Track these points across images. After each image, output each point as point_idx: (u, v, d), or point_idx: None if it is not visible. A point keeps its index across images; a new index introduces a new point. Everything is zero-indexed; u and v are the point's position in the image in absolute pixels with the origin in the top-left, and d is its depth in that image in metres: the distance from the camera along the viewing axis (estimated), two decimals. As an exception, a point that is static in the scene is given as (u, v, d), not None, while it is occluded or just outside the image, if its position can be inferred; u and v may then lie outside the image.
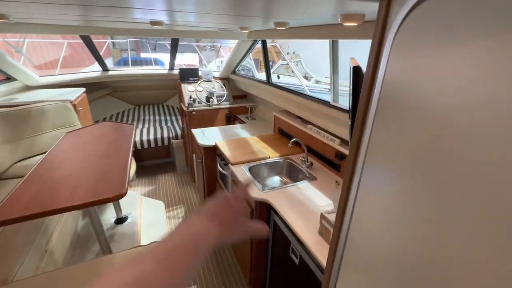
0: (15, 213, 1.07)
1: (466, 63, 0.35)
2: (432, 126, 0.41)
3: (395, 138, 0.50)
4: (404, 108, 0.47)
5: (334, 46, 1.55)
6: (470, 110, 0.35)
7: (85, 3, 0.85)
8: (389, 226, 0.53)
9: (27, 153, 2.25)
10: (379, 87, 0.56)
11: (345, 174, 0.72)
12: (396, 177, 0.50)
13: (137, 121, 3.79)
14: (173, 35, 2.41)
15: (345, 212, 0.74)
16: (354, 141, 0.68)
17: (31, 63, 4.57)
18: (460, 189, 0.37)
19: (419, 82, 0.44)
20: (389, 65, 0.52)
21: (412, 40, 0.46)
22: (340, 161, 1.70)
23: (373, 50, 0.58)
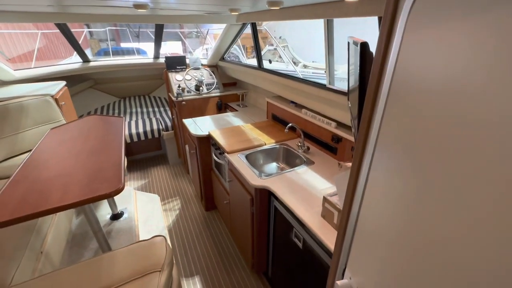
0: (4, 216, 1.00)
1: (495, 45, 0.32)
2: (450, 109, 0.39)
3: (411, 120, 0.48)
4: (421, 93, 0.44)
5: (329, 25, 1.50)
6: (499, 103, 0.32)
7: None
8: (401, 208, 0.52)
9: (10, 152, 2.13)
10: (392, 68, 0.52)
11: (354, 157, 0.71)
12: (409, 163, 0.49)
13: (124, 114, 3.65)
14: (158, 21, 2.28)
15: (355, 195, 0.73)
16: (364, 122, 0.66)
17: (3, 56, 4.26)
18: (472, 173, 0.36)
19: (441, 65, 0.40)
20: (404, 44, 0.49)
21: (427, 19, 0.42)
22: (337, 144, 1.70)
23: (384, 25, 0.55)
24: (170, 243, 2.19)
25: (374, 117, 0.61)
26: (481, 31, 0.33)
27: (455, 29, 0.37)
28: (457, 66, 0.37)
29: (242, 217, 1.82)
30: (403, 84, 0.49)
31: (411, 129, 0.48)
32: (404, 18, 0.48)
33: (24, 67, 2.87)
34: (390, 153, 0.55)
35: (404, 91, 0.49)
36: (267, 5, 1.21)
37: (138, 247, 1.14)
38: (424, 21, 0.43)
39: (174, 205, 2.74)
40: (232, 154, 1.83)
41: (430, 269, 0.44)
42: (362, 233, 0.70)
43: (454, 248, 0.39)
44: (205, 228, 2.40)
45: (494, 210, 0.33)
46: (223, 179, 2.13)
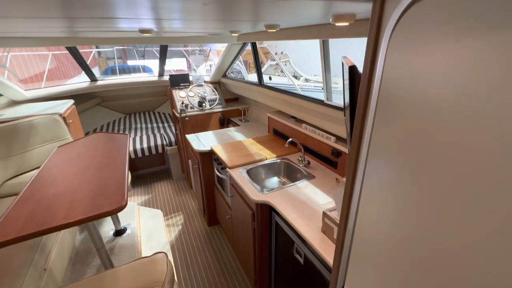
0: (11, 234, 1.03)
1: (462, 59, 0.37)
2: (433, 120, 0.42)
3: (397, 133, 0.51)
4: (405, 103, 0.48)
5: (325, 45, 1.57)
6: (467, 104, 0.37)
7: (70, 16, 0.83)
8: (395, 220, 0.54)
9: (18, 170, 2.19)
10: (378, 84, 0.57)
11: (347, 172, 0.73)
12: (400, 171, 0.51)
13: (129, 130, 3.73)
14: (162, 42, 2.39)
15: (350, 209, 0.75)
16: (355, 138, 0.69)
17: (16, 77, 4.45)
18: (463, 180, 0.38)
19: (418, 78, 0.45)
20: (387, 62, 0.53)
21: (409, 38, 0.47)
22: (337, 158, 1.72)
23: (369, 48, 0.59)
24: (172, 258, 2.18)
25: (364, 135, 0.64)
26: (455, 49, 0.38)
27: (431, 49, 0.41)
28: (435, 81, 0.41)
29: (244, 232, 1.81)
30: (388, 100, 0.53)
31: (398, 142, 0.51)
32: (386, 41, 0.52)
33: (35, 87, 2.99)
34: (380, 167, 0.58)
35: (390, 106, 0.53)
36: (264, 27, 1.28)
37: (140, 264, 1.15)
38: (404, 42, 0.48)
39: (177, 220, 2.74)
40: (234, 169, 1.85)
41: (427, 281, 0.45)
42: (359, 248, 0.72)
43: (449, 258, 0.41)
44: (208, 243, 2.39)
45: (490, 218, 0.35)
46: (225, 194, 2.15)
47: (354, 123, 0.68)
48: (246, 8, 0.81)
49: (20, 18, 0.83)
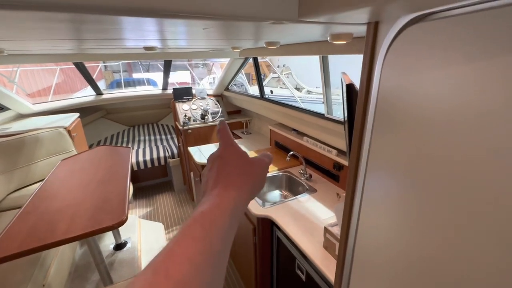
0: (12, 249, 1.03)
1: (453, 79, 0.39)
2: (428, 133, 0.43)
3: (394, 148, 0.52)
4: (400, 119, 0.50)
5: (325, 61, 1.59)
6: (462, 115, 0.39)
7: (80, 38, 0.87)
8: (396, 236, 0.54)
9: (22, 183, 2.20)
10: (374, 101, 0.58)
11: (347, 187, 0.73)
12: (399, 186, 0.51)
13: (132, 142, 3.77)
14: (166, 57, 2.46)
15: (350, 224, 0.74)
16: (353, 154, 0.69)
17: (24, 92, 4.57)
18: (465, 192, 0.38)
19: (411, 94, 0.46)
20: (382, 81, 0.55)
21: (403, 58, 0.48)
22: (338, 172, 1.71)
23: (365, 67, 0.61)
24: (173, 274, 2.15)
25: (362, 150, 0.64)
26: (446, 68, 0.40)
27: (424, 68, 0.43)
28: (429, 97, 0.43)
29: (245, 247, 1.79)
30: (385, 116, 0.54)
31: (396, 157, 0.51)
32: (380, 61, 0.54)
33: (42, 100, 3.07)
34: (378, 182, 0.58)
35: (387, 121, 0.54)
36: (265, 44, 1.31)
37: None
38: (397, 62, 0.50)
39: (178, 233, 2.71)
40: (235, 182, 1.85)
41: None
42: (360, 266, 0.70)
43: (454, 277, 0.40)
44: (209, 258, 2.35)
45: (500, 236, 0.34)
46: (226, 207, 2.13)
47: (352, 138, 0.68)
48: (245, 30, 0.84)
49: (35, 40, 0.87)
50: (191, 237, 0.25)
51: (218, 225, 0.27)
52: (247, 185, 0.34)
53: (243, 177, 0.34)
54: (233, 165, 0.35)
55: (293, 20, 0.52)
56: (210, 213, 0.28)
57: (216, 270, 0.25)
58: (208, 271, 0.24)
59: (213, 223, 0.27)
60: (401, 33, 0.49)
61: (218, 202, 0.30)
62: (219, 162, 0.35)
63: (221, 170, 0.34)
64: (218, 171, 0.34)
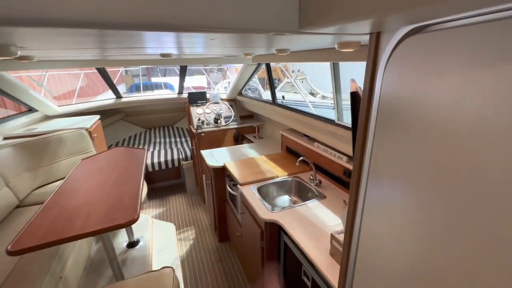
0: (34, 241, 1.11)
1: (450, 84, 0.40)
2: (427, 139, 0.44)
3: (395, 154, 0.52)
4: (400, 125, 0.50)
5: (335, 67, 1.60)
6: (460, 120, 0.39)
7: (102, 47, 0.93)
8: (398, 244, 0.54)
9: (45, 180, 2.35)
10: (376, 107, 0.59)
11: (350, 194, 0.74)
12: (399, 192, 0.52)
13: (148, 143, 3.90)
14: (182, 63, 2.55)
15: (353, 232, 0.74)
16: (356, 160, 0.70)
17: (50, 95, 4.87)
18: (468, 195, 0.38)
19: (411, 101, 0.47)
20: (383, 88, 0.56)
21: (403, 65, 0.50)
22: (348, 179, 1.69)
23: (367, 75, 0.62)
24: (182, 274, 2.19)
25: (365, 156, 0.65)
26: (445, 74, 0.41)
27: (424, 75, 0.44)
28: (429, 102, 0.43)
29: (253, 250, 1.80)
30: (386, 121, 0.55)
31: (396, 162, 0.52)
32: (382, 68, 0.55)
33: (66, 103, 3.26)
34: (380, 189, 0.58)
35: (388, 126, 0.54)
36: (276, 52, 1.34)
37: (148, 277, 1.18)
38: (398, 69, 0.51)
39: (188, 234, 2.76)
40: (245, 186, 1.87)
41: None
42: (362, 272, 0.70)
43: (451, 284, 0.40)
44: (218, 260, 2.38)
45: (496, 240, 0.34)
46: (236, 211, 2.16)
47: (355, 146, 0.69)
48: (253, 40, 0.87)
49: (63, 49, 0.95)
50: None
51: None
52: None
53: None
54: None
55: (293, 32, 0.54)
56: None
57: None
58: None
59: None
60: (401, 43, 0.50)
61: None
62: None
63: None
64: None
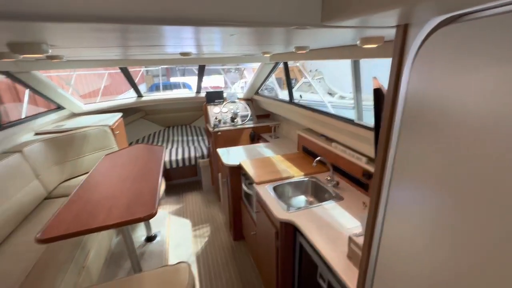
0: (60, 231, 1.17)
1: (487, 81, 0.37)
2: (461, 140, 0.41)
3: (423, 155, 0.49)
4: (430, 124, 0.47)
5: (356, 65, 1.55)
6: (496, 120, 0.36)
7: (125, 45, 0.97)
8: (423, 250, 0.51)
9: (71, 174, 2.47)
10: (402, 105, 0.56)
11: (371, 196, 0.71)
12: (427, 195, 0.48)
13: (167, 141, 4.01)
14: (200, 62, 2.59)
15: (373, 235, 0.71)
16: (378, 161, 0.67)
17: (77, 93, 5.14)
18: (500, 202, 0.35)
19: (442, 99, 0.44)
20: (410, 84, 0.53)
21: (433, 60, 0.46)
22: (368, 180, 1.63)
23: (393, 71, 0.59)
24: (197, 270, 2.22)
25: (388, 157, 0.62)
26: (479, 71, 0.38)
27: (456, 71, 0.41)
28: (461, 99, 0.40)
29: (268, 250, 1.79)
30: (413, 120, 0.52)
31: (424, 163, 0.49)
32: (409, 64, 0.52)
33: (92, 101, 3.42)
34: (405, 191, 0.55)
35: (415, 126, 0.51)
36: (294, 49, 1.32)
37: (164, 271, 1.21)
38: (427, 65, 0.47)
39: (204, 231, 2.80)
40: (260, 185, 1.87)
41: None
42: (382, 277, 0.67)
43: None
44: (232, 258, 2.39)
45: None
46: (251, 210, 2.16)
47: (378, 145, 0.66)
48: (273, 36, 0.86)
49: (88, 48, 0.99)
50: None
51: None
52: None
53: None
54: None
55: (316, 25, 0.52)
56: None
57: None
58: None
59: None
60: (431, 35, 0.47)
61: None
62: None
63: None
64: None
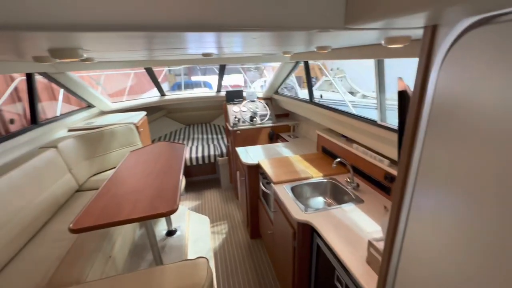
0: (90, 222, 1.26)
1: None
2: (493, 145, 0.39)
3: (451, 159, 0.47)
4: (459, 128, 0.45)
5: (380, 65, 1.50)
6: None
7: (150, 48, 1.01)
8: (447, 258, 0.49)
9: (100, 168, 2.63)
10: (428, 108, 0.54)
11: (393, 200, 0.69)
12: (455, 201, 0.46)
13: (187, 139, 4.12)
14: (221, 62, 2.64)
15: (394, 241, 0.69)
16: (402, 164, 0.65)
17: (105, 92, 5.43)
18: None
19: (473, 102, 0.42)
20: (438, 87, 0.50)
21: (464, 62, 0.44)
22: (390, 184, 1.58)
23: (419, 72, 0.57)
24: (214, 266, 2.28)
25: (412, 160, 0.60)
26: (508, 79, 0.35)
27: (489, 74, 0.39)
28: (494, 103, 0.38)
29: (284, 250, 1.79)
30: (440, 122, 0.50)
31: (452, 168, 0.46)
32: (438, 64, 0.50)
33: (118, 100, 3.60)
34: (430, 197, 0.53)
35: (442, 128, 0.49)
36: (316, 49, 1.30)
37: (184, 265, 1.25)
38: (457, 67, 0.45)
39: (221, 228, 2.86)
40: (278, 184, 1.87)
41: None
42: (403, 285, 0.65)
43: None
44: (249, 256, 2.42)
45: None
46: (268, 209, 2.17)
47: (401, 148, 0.64)
48: (295, 38, 0.86)
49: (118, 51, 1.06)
50: None
51: None
52: None
53: None
54: None
55: (339, 28, 0.52)
56: None
57: None
58: None
59: None
60: (462, 36, 0.45)
61: None
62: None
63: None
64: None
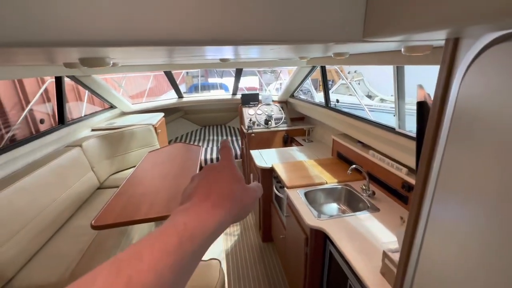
0: (110, 220, 1.32)
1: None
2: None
3: (474, 170, 0.46)
4: (485, 138, 0.44)
5: (399, 71, 1.46)
6: None
7: (172, 56, 1.05)
8: (467, 272, 0.47)
9: (119, 167, 2.74)
10: (449, 118, 0.52)
11: (410, 210, 0.67)
12: (477, 213, 0.45)
13: (203, 140, 4.20)
14: (237, 66, 2.68)
15: (411, 252, 0.68)
16: (420, 174, 0.63)
17: (126, 94, 5.65)
18: None
19: (502, 115, 0.41)
20: (459, 100, 0.49)
21: (487, 78, 0.43)
22: (408, 193, 1.54)
23: (439, 85, 0.55)
24: (226, 267, 2.30)
25: (431, 169, 0.58)
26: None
27: None
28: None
29: (296, 255, 1.78)
30: (463, 132, 0.48)
31: (474, 180, 0.45)
32: (459, 77, 0.49)
33: (138, 101, 3.74)
34: (450, 207, 0.52)
35: (465, 138, 0.48)
36: (333, 55, 1.30)
37: (197, 266, 1.28)
38: (482, 78, 0.44)
39: (233, 230, 2.88)
40: (292, 189, 1.87)
41: None
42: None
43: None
44: (260, 259, 2.43)
45: None
46: (281, 213, 2.17)
47: (421, 157, 0.63)
48: (312, 48, 0.86)
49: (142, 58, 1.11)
50: (165, 249, 0.24)
51: (195, 243, 0.26)
52: (235, 210, 0.32)
53: (234, 202, 0.33)
54: (228, 186, 0.34)
55: (356, 41, 0.52)
56: (193, 229, 0.27)
57: (178, 285, 0.24)
58: (170, 286, 0.23)
59: (192, 240, 0.26)
60: (485, 50, 0.44)
61: (204, 219, 0.28)
62: (216, 176, 0.35)
63: (215, 186, 0.33)
64: (212, 185, 0.33)
